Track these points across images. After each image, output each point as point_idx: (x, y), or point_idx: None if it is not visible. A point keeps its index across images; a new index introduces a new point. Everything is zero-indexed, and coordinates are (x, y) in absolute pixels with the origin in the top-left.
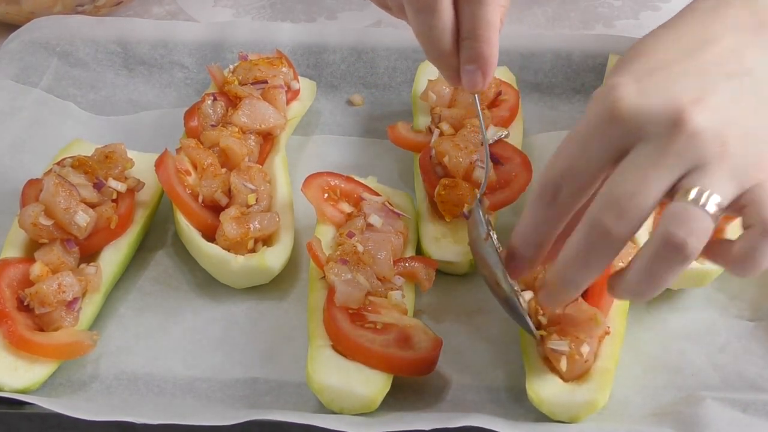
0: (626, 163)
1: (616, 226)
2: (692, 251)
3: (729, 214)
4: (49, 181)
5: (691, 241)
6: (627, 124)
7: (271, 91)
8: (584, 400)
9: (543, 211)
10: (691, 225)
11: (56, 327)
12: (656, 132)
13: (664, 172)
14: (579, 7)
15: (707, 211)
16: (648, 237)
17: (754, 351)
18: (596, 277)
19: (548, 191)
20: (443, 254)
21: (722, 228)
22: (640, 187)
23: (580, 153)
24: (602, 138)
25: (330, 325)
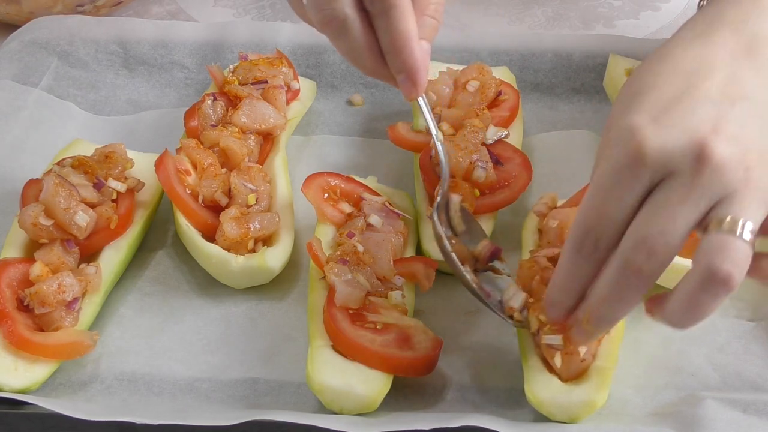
0: (654, 202)
1: (647, 264)
2: (737, 282)
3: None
4: (49, 181)
5: (735, 272)
6: (653, 165)
7: (271, 91)
8: (583, 400)
9: (582, 264)
10: (733, 256)
11: (56, 327)
12: (681, 169)
13: (692, 207)
14: (579, 7)
15: (745, 240)
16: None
17: (754, 351)
18: (629, 312)
19: (587, 244)
20: None
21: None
22: (668, 226)
23: (609, 201)
24: (631, 183)
25: (330, 325)
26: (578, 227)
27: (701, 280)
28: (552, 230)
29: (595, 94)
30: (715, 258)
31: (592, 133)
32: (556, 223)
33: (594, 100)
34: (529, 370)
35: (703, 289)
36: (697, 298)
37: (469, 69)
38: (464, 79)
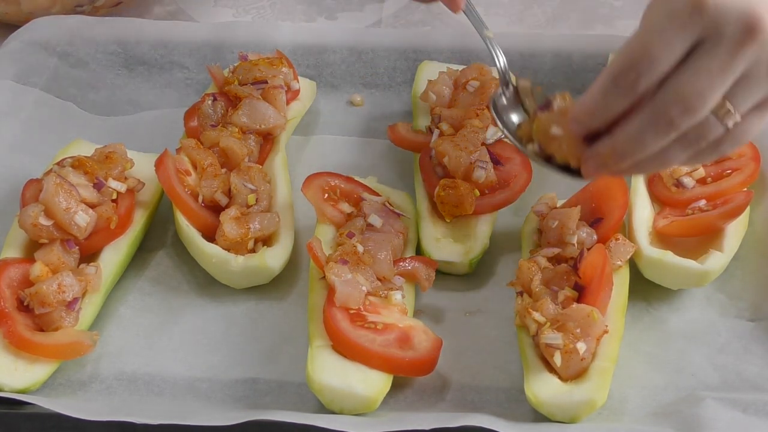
0: (698, 62)
1: (679, 119)
2: (700, 149)
3: None
4: (49, 181)
5: (702, 143)
6: (708, 18)
7: (271, 91)
8: (582, 400)
9: (617, 97)
10: (709, 135)
11: (56, 327)
12: (731, 34)
13: (730, 76)
14: (579, 7)
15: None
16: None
17: (754, 351)
18: (646, 156)
19: (627, 78)
20: (443, 254)
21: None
22: (706, 90)
23: (660, 42)
24: (684, 29)
25: (330, 325)
26: (621, 60)
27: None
28: (552, 230)
29: None
30: (692, 135)
31: None
32: (556, 223)
33: None
34: (529, 370)
35: (676, 141)
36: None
37: (469, 69)
38: (464, 79)
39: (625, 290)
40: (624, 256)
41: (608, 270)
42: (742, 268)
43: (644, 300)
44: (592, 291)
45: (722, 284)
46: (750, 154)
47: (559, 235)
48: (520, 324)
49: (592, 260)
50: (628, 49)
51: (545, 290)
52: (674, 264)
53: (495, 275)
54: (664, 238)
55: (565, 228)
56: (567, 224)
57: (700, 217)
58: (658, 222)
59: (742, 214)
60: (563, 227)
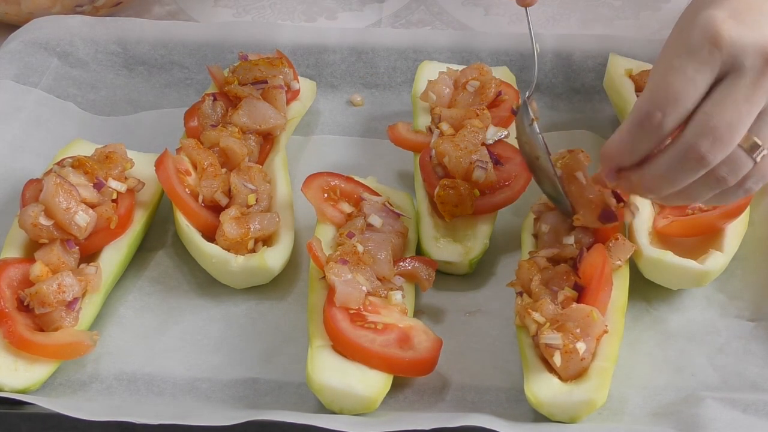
0: (722, 95)
1: (710, 153)
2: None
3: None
4: (49, 181)
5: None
6: (727, 52)
7: (271, 91)
8: (582, 400)
9: (645, 138)
10: (738, 170)
11: (56, 327)
12: (752, 66)
13: (755, 107)
14: (579, 7)
15: (754, 159)
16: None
17: (754, 351)
18: (675, 191)
19: (654, 119)
20: (443, 254)
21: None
22: (734, 119)
23: (682, 81)
24: (703, 66)
25: (330, 325)
26: (645, 102)
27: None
28: (545, 234)
29: (595, 94)
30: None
31: (592, 133)
32: (548, 227)
33: (594, 100)
34: (529, 371)
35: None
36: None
37: (469, 69)
38: (464, 79)
39: (625, 290)
40: (624, 256)
41: (608, 270)
42: (742, 268)
43: (644, 300)
44: (591, 291)
45: (722, 284)
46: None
47: (553, 239)
48: (520, 324)
49: (591, 260)
50: (650, 90)
51: (545, 290)
52: (674, 264)
53: (495, 275)
54: (664, 238)
55: (558, 232)
56: (559, 229)
57: (700, 217)
58: (658, 222)
59: (742, 214)
60: (557, 232)
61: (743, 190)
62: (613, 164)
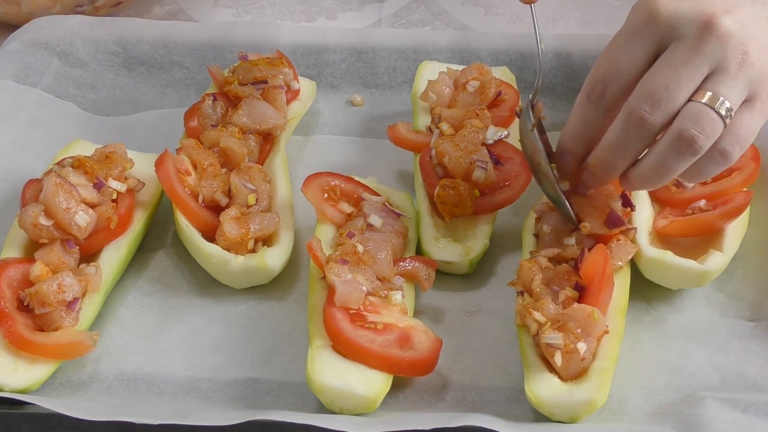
0: (661, 60)
1: (650, 115)
2: (701, 147)
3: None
4: (49, 181)
5: (701, 138)
6: (664, 24)
7: (271, 91)
8: (583, 400)
9: (591, 110)
10: (703, 124)
11: (56, 327)
12: (689, 33)
13: (694, 69)
14: (579, 7)
15: (719, 113)
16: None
17: (754, 351)
18: (630, 163)
19: (596, 90)
20: (443, 254)
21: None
22: (672, 81)
23: (622, 54)
24: (642, 38)
25: (330, 325)
26: (591, 76)
27: (670, 140)
28: (546, 235)
29: None
30: (687, 122)
31: None
32: (550, 227)
33: None
34: (530, 370)
35: (671, 148)
36: (664, 157)
37: (469, 69)
38: (464, 79)
39: (626, 291)
40: (625, 257)
41: (609, 270)
42: (742, 268)
43: (644, 300)
44: (593, 291)
45: (722, 284)
46: (750, 154)
47: (554, 239)
48: (521, 324)
49: (593, 260)
50: (596, 66)
51: (546, 290)
52: (674, 264)
53: (495, 275)
54: (664, 238)
55: (559, 232)
56: (561, 229)
57: (700, 217)
58: (658, 222)
59: (742, 214)
60: (558, 232)
61: (719, 154)
62: (571, 153)
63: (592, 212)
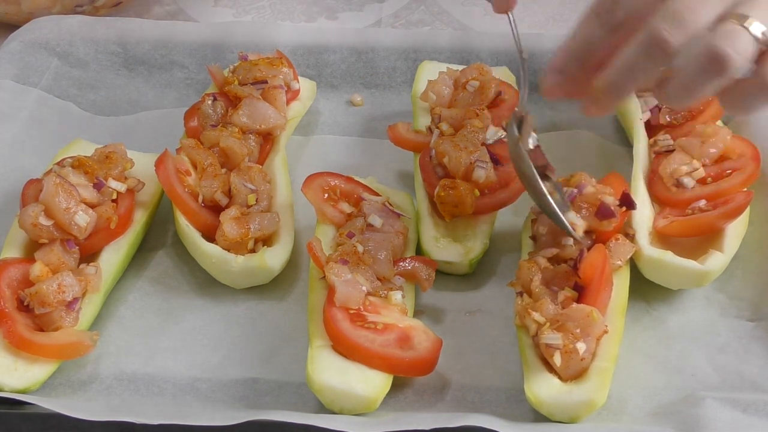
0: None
1: (672, 36)
2: (734, 66)
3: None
4: (49, 181)
5: (734, 55)
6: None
7: (271, 91)
8: (582, 400)
9: (596, 27)
10: (736, 41)
11: (56, 327)
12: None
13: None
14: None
15: (752, 33)
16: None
17: (754, 351)
18: (641, 84)
19: (605, 5)
20: (443, 254)
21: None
22: (698, 4)
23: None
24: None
25: (330, 325)
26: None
27: (702, 59)
28: (543, 236)
29: None
30: (720, 41)
31: (592, 133)
32: (546, 229)
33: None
34: (529, 370)
35: (702, 66)
36: (695, 76)
37: (469, 69)
38: (464, 79)
39: (626, 290)
40: (624, 256)
41: (608, 270)
42: (742, 268)
43: (644, 300)
44: (592, 291)
45: (722, 284)
46: (750, 154)
47: (551, 240)
48: (520, 324)
49: (592, 260)
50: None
51: (545, 290)
52: (674, 264)
53: (495, 275)
54: (664, 238)
55: (556, 233)
56: (557, 230)
57: (700, 217)
58: (658, 222)
59: (742, 214)
60: (555, 234)
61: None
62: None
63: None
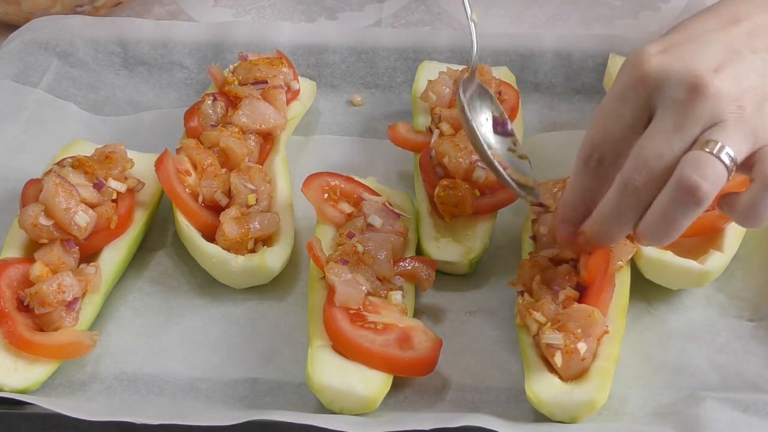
0: (651, 128)
1: (644, 186)
2: (705, 195)
3: (738, 172)
4: (49, 181)
5: (704, 185)
6: (651, 86)
7: (271, 91)
8: (583, 400)
9: (588, 178)
10: (705, 170)
11: (56, 327)
12: (676, 95)
13: (686, 132)
14: (579, 7)
15: (721, 159)
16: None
17: (754, 351)
18: (628, 231)
19: (592, 159)
20: (443, 254)
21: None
22: (664, 149)
23: (612, 119)
24: (630, 102)
25: (330, 325)
26: (585, 144)
27: (672, 191)
28: (543, 236)
29: (595, 94)
30: (688, 169)
31: None
32: (546, 229)
33: (594, 100)
34: (530, 370)
35: (673, 199)
36: (668, 209)
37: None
38: None
39: (626, 290)
40: (625, 256)
41: (611, 270)
42: (742, 268)
43: (644, 300)
44: (593, 291)
45: (722, 284)
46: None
47: (552, 240)
48: (521, 323)
49: (594, 261)
50: (588, 133)
51: (546, 290)
52: (674, 264)
53: (495, 275)
54: None
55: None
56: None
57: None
58: None
59: None
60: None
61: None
62: (569, 224)
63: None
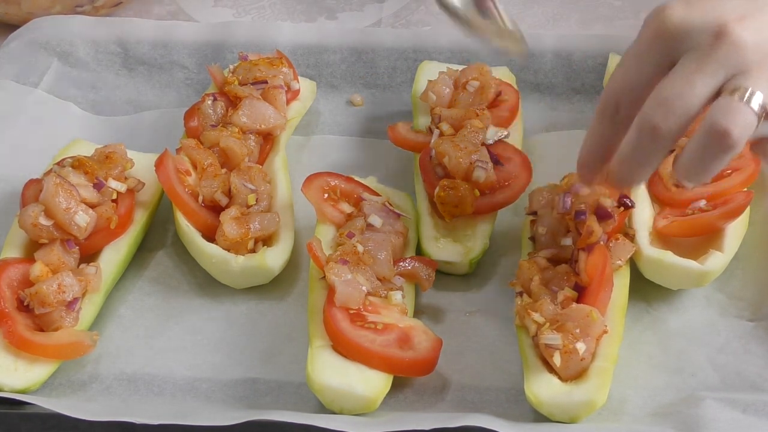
0: (673, 71)
1: (664, 124)
2: (736, 141)
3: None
4: (49, 181)
5: (734, 130)
6: (674, 37)
7: (271, 91)
8: (582, 400)
9: (606, 126)
10: (735, 116)
11: (56, 327)
12: (700, 42)
13: (708, 75)
14: (579, 7)
15: (750, 106)
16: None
17: (754, 351)
18: (650, 173)
19: (609, 106)
20: (443, 254)
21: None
22: (685, 88)
23: (634, 69)
24: (652, 52)
25: (330, 325)
26: (605, 94)
27: (703, 137)
28: (542, 236)
29: (595, 94)
30: (718, 116)
31: None
32: (545, 229)
33: (594, 100)
34: (529, 371)
35: (705, 145)
36: (701, 154)
37: (469, 69)
38: (464, 79)
39: (626, 290)
40: (624, 256)
41: (609, 270)
42: (742, 268)
43: (644, 300)
44: (592, 291)
45: (722, 284)
46: (750, 154)
47: (550, 241)
48: (520, 324)
49: (592, 260)
50: (609, 84)
51: (545, 290)
52: (674, 264)
53: (495, 275)
54: (664, 238)
55: (555, 233)
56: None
57: (700, 217)
58: (658, 222)
59: (742, 214)
60: (553, 234)
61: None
62: (589, 169)
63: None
